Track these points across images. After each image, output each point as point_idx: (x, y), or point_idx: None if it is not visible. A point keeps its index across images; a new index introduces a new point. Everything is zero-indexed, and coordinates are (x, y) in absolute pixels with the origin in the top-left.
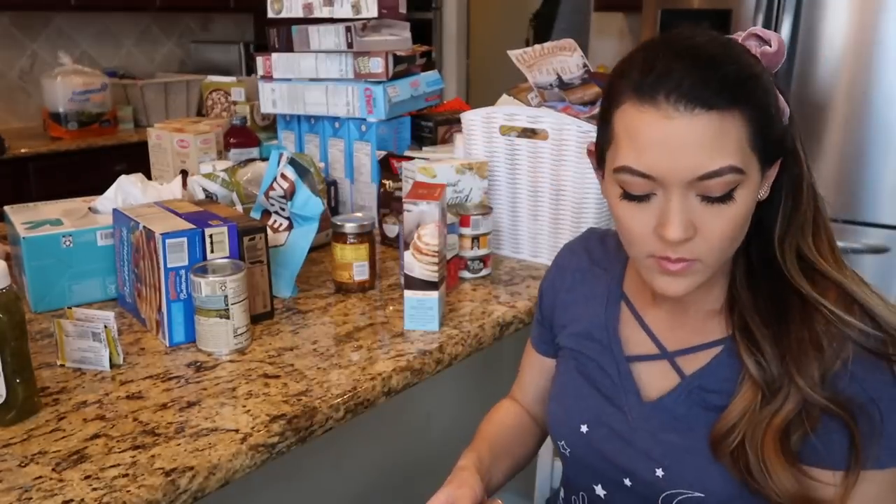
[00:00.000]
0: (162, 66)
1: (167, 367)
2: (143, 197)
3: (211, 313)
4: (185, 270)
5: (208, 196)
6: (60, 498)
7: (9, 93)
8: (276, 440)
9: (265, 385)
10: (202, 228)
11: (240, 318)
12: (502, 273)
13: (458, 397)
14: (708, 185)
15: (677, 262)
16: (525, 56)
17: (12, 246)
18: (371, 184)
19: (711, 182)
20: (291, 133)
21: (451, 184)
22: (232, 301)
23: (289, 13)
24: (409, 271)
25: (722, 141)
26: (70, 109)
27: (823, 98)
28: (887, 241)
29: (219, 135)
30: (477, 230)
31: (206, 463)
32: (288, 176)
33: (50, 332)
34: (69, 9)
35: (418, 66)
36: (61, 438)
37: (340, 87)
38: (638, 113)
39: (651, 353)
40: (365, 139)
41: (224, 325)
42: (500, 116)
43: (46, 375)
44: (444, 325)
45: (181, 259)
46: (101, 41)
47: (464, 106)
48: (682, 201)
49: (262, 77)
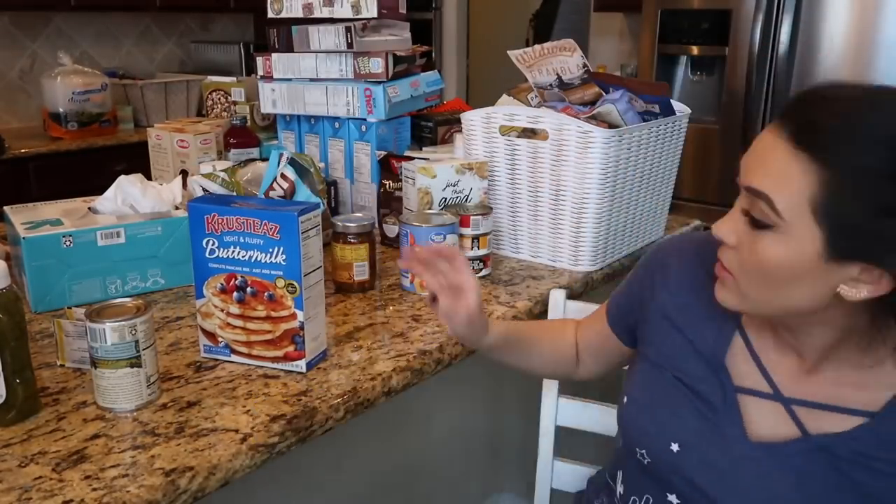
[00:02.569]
0: (162, 66)
1: (167, 367)
2: (143, 197)
3: (119, 364)
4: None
5: None
6: (60, 498)
7: (9, 93)
8: (276, 440)
9: (265, 385)
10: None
11: (152, 365)
12: (502, 273)
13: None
14: (753, 203)
15: (719, 263)
16: (525, 56)
17: (12, 246)
18: (371, 184)
19: (754, 200)
20: (291, 133)
21: (451, 184)
22: (143, 346)
23: (289, 13)
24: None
25: (783, 172)
26: (70, 109)
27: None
28: None
29: (219, 135)
30: (477, 230)
31: (206, 463)
32: (288, 176)
33: (50, 332)
34: (69, 9)
35: (418, 66)
36: (61, 438)
37: (340, 87)
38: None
39: (762, 391)
40: (365, 139)
41: (135, 376)
42: (500, 116)
43: (46, 375)
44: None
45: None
46: (101, 41)
47: (464, 106)
48: (738, 207)
49: (262, 77)
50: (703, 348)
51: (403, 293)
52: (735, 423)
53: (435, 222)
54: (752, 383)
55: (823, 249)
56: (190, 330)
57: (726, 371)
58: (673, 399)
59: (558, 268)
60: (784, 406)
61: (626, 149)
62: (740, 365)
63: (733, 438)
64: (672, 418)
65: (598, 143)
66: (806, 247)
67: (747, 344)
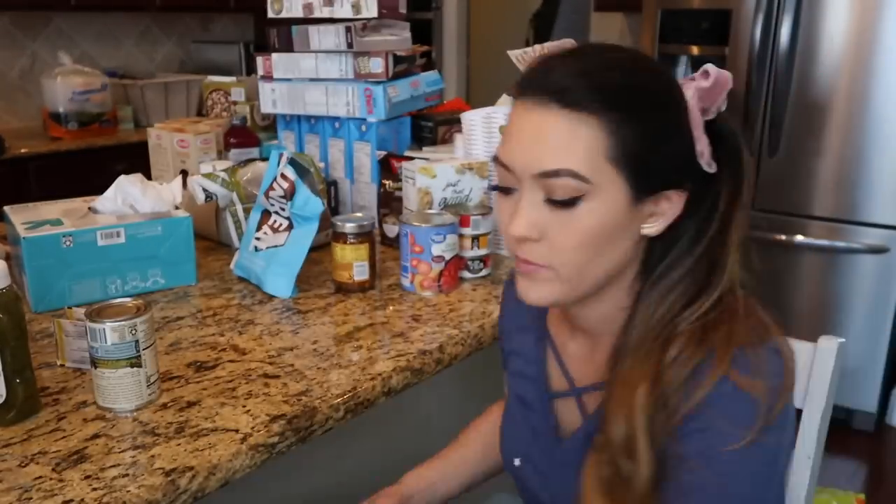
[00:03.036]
0: (162, 66)
1: (167, 367)
2: (143, 197)
3: (120, 364)
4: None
5: (208, 196)
6: (60, 498)
7: (9, 93)
8: (276, 440)
9: (265, 385)
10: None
11: (152, 365)
12: (502, 273)
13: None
14: (550, 186)
15: (525, 262)
16: (525, 56)
17: (12, 246)
18: (371, 184)
19: (552, 182)
20: (291, 133)
21: (451, 184)
22: (143, 346)
23: (289, 13)
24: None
25: (569, 142)
26: (70, 109)
27: (823, 98)
28: (887, 241)
29: (219, 135)
30: (477, 230)
31: (206, 463)
32: (288, 176)
33: (50, 332)
34: (69, 9)
35: (418, 66)
36: (61, 438)
37: (340, 87)
38: (514, 106)
39: (564, 390)
40: (365, 139)
41: (135, 376)
42: (500, 116)
43: (46, 375)
44: (444, 325)
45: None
46: (101, 41)
47: (464, 106)
48: (531, 199)
49: (262, 77)
50: (530, 361)
51: (403, 293)
52: (550, 428)
53: (435, 222)
54: (559, 385)
55: (629, 193)
56: (190, 330)
57: (545, 379)
58: (515, 417)
59: None
60: (576, 398)
61: None
62: (552, 370)
63: (550, 443)
64: (512, 434)
65: None
66: (616, 199)
67: (552, 347)
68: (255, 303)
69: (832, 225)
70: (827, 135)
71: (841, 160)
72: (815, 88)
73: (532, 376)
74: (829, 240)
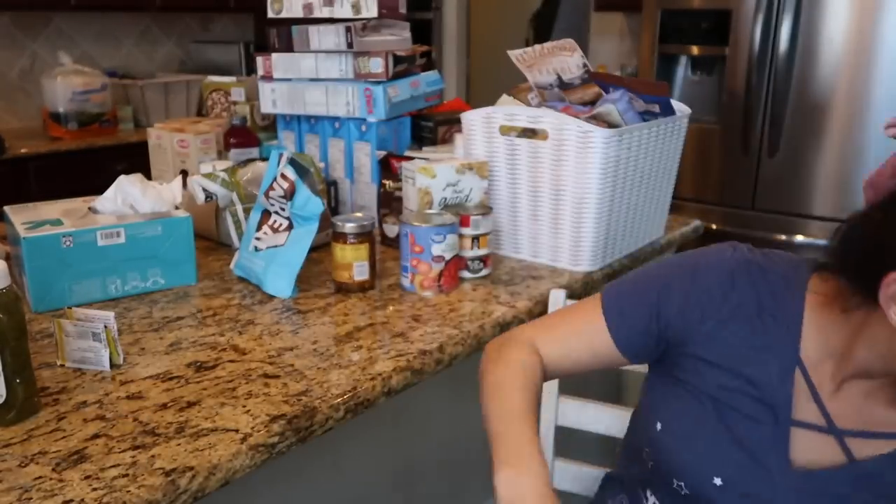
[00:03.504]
0: (162, 66)
1: (167, 368)
2: (143, 197)
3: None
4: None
5: (208, 196)
6: (60, 498)
7: (9, 93)
8: (276, 440)
9: (265, 385)
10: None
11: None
12: (502, 273)
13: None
14: None
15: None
16: (525, 56)
17: (12, 246)
18: (371, 184)
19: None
20: (291, 133)
21: (451, 184)
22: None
23: (289, 13)
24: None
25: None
26: (70, 109)
27: (823, 98)
28: None
29: (219, 135)
30: (477, 230)
31: (206, 463)
32: (288, 176)
33: (50, 332)
34: (69, 9)
35: (418, 66)
36: (61, 438)
37: (340, 87)
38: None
39: (817, 424)
40: (365, 139)
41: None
42: (500, 116)
43: (46, 375)
44: (444, 325)
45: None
46: (101, 41)
47: (464, 106)
48: None
49: (262, 77)
50: (765, 385)
51: (403, 293)
52: (781, 454)
53: (435, 222)
54: (808, 416)
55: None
56: (190, 330)
57: (787, 406)
58: (718, 434)
59: (558, 268)
60: (837, 439)
61: (626, 149)
62: (799, 398)
63: (777, 469)
64: (714, 452)
65: (598, 143)
66: None
67: (805, 376)
68: (255, 303)
69: (832, 225)
70: (827, 135)
71: (841, 160)
72: (815, 88)
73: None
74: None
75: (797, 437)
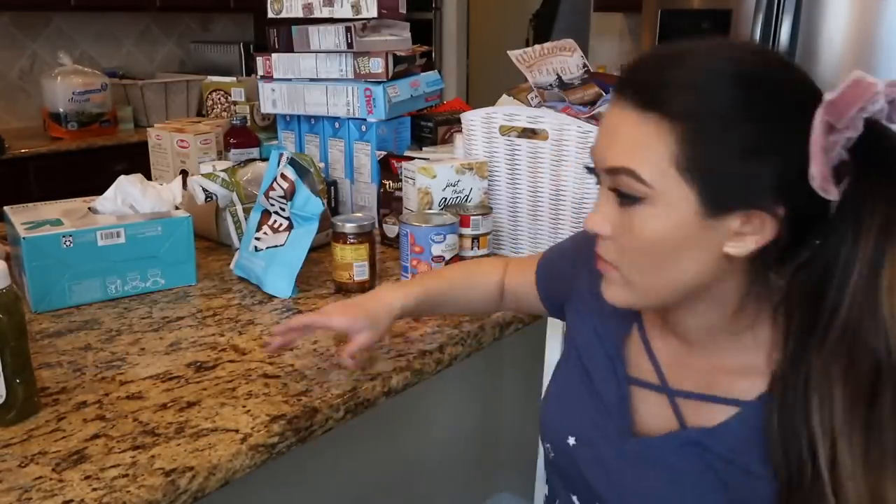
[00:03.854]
0: (162, 66)
1: (167, 368)
2: (143, 197)
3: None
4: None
5: (208, 196)
6: (60, 498)
7: (9, 93)
8: (276, 440)
9: (265, 385)
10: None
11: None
12: None
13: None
14: (616, 182)
15: (600, 259)
16: (525, 56)
17: (12, 246)
18: (371, 184)
19: (617, 179)
20: (291, 133)
21: (451, 184)
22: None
23: (289, 13)
24: None
25: (636, 143)
26: (70, 109)
27: None
28: None
29: (219, 135)
30: (477, 230)
31: (206, 463)
32: (288, 176)
33: (50, 332)
34: (69, 9)
35: (418, 66)
36: (61, 438)
37: (340, 87)
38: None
39: (651, 382)
40: (365, 139)
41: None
42: (500, 116)
43: (46, 375)
44: (444, 325)
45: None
46: (101, 41)
47: (464, 106)
48: (605, 193)
49: (262, 77)
50: (605, 337)
51: None
52: (624, 417)
53: (435, 222)
54: (644, 374)
55: (699, 207)
56: (190, 330)
57: (622, 361)
58: (576, 390)
59: None
60: (668, 398)
61: None
62: (636, 355)
63: (620, 433)
64: (571, 410)
65: None
66: (682, 210)
67: (642, 333)
68: (255, 303)
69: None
70: None
71: None
72: None
73: (609, 354)
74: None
75: (638, 398)
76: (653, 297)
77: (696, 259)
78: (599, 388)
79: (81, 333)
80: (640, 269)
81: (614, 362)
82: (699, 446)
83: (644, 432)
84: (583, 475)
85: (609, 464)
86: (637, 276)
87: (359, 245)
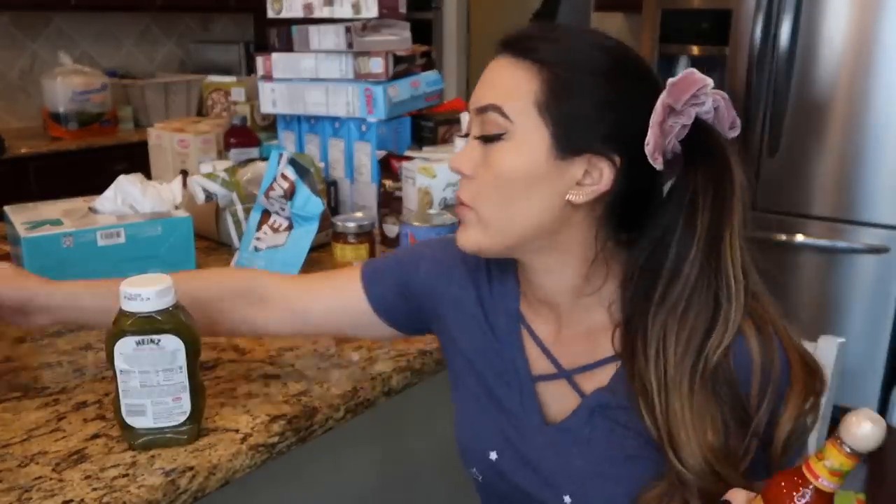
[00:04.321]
0: (162, 66)
1: None
2: (143, 197)
3: None
4: None
5: (208, 196)
6: (60, 498)
7: (9, 93)
8: (276, 440)
9: (265, 385)
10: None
11: None
12: None
13: None
14: (483, 122)
15: (460, 203)
16: None
17: (12, 246)
18: (371, 184)
19: (483, 118)
20: (291, 133)
21: (451, 184)
22: None
23: (289, 13)
24: None
25: (505, 82)
26: (70, 109)
27: (823, 98)
28: (887, 241)
29: (219, 135)
30: None
31: (206, 463)
32: (288, 176)
33: (50, 332)
34: (69, 9)
35: (418, 66)
36: (61, 438)
37: (340, 87)
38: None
39: (550, 373)
40: (365, 139)
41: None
42: None
43: (46, 375)
44: None
45: None
46: (101, 41)
47: (464, 106)
48: (471, 142)
49: (262, 77)
50: (504, 343)
51: None
52: (534, 412)
53: (435, 222)
54: (543, 368)
55: (551, 148)
56: None
57: (526, 363)
58: (482, 406)
59: None
60: (567, 380)
61: None
62: (532, 352)
63: (534, 429)
64: (484, 427)
65: None
66: (535, 147)
67: (528, 328)
68: None
69: (832, 225)
70: (827, 135)
71: (841, 160)
72: (815, 88)
73: (506, 360)
74: (829, 239)
75: (543, 392)
76: (503, 238)
77: (542, 199)
78: (504, 398)
79: (81, 333)
80: (493, 205)
81: (517, 368)
82: (602, 407)
83: (554, 419)
84: (516, 485)
85: (534, 461)
86: (489, 212)
87: (359, 245)
